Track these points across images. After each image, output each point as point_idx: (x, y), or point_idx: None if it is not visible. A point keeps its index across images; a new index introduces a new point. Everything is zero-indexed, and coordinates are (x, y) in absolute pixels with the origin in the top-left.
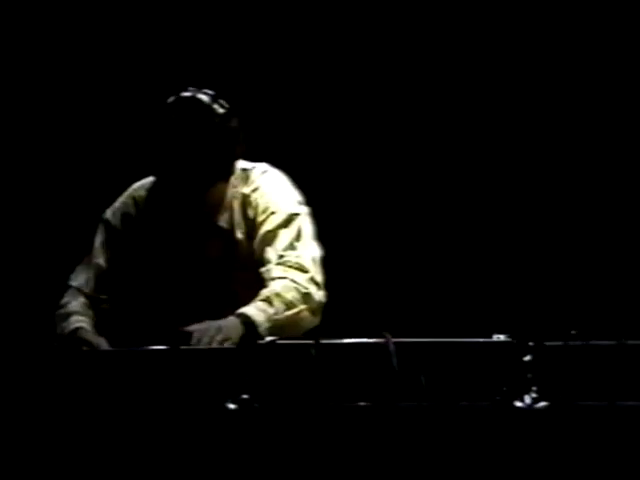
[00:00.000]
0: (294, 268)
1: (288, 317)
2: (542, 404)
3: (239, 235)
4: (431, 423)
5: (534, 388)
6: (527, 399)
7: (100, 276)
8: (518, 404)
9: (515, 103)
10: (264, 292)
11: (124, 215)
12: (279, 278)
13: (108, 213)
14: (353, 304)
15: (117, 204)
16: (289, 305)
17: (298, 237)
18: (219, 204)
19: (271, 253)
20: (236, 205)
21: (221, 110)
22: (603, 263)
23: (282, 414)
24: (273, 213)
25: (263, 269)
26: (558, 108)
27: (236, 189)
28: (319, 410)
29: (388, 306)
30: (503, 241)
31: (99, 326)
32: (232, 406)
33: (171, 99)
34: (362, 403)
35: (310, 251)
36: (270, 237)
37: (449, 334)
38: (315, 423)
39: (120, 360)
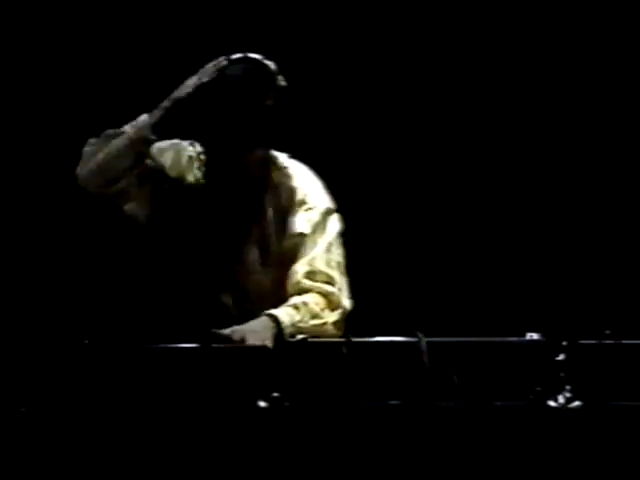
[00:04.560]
0: (323, 281)
1: (312, 326)
2: (576, 404)
3: (269, 214)
4: (464, 423)
5: (568, 387)
6: (561, 399)
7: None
8: (551, 404)
9: (523, 101)
10: (293, 300)
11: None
12: (309, 289)
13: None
14: (385, 302)
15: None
16: (315, 316)
17: (330, 244)
18: (254, 177)
19: (302, 264)
20: (269, 187)
21: (283, 83)
22: (637, 263)
23: (313, 413)
24: (309, 209)
25: (292, 279)
26: (565, 99)
27: (266, 171)
28: (350, 409)
29: (420, 305)
30: (538, 239)
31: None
32: (263, 404)
33: (238, 55)
34: (394, 402)
35: (337, 257)
36: (302, 241)
37: (482, 333)
38: (346, 422)
39: (151, 357)
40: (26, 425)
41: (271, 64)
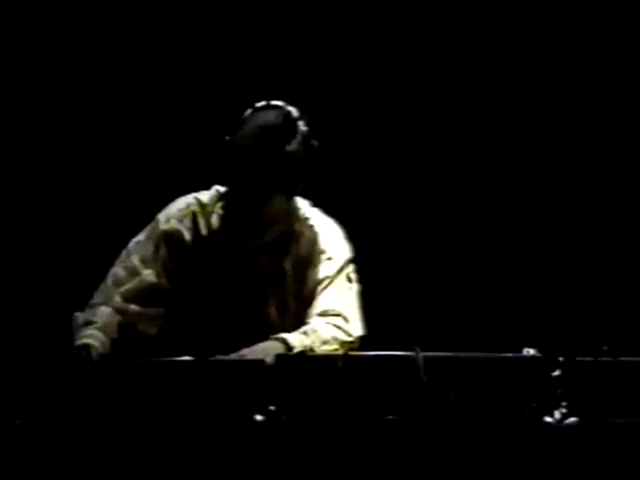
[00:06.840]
0: (334, 315)
1: (322, 352)
2: (572, 420)
3: (287, 265)
4: (460, 438)
5: (564, 404)
6: (557, 415)
7: (145, 289)
8: (548, 420)
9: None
10: (304, 327)
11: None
12: (321, 321)
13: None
14: (381, 317)
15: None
16: (326, 342)
17: (342, 284)
18: (274, 225)
19: (314, 307)
20: (290, 240)
21: (304, 129)
22: (635, 279)
23: (309, 427)
24: (329, 259)
25: (307, 318)
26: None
27: (289, 220)
28: (346, 423)
29: (417, 319)
30: (535, 256)
31: (118, 343)
32: (259, 418)
33: (261, 104)
34: (390, 417)
35: (349, 296)
36: (320, 288)
37: (479, 348)
38: (342, 436)
39: (148, 370)
40: (21, 438)
41: (293, 110)
